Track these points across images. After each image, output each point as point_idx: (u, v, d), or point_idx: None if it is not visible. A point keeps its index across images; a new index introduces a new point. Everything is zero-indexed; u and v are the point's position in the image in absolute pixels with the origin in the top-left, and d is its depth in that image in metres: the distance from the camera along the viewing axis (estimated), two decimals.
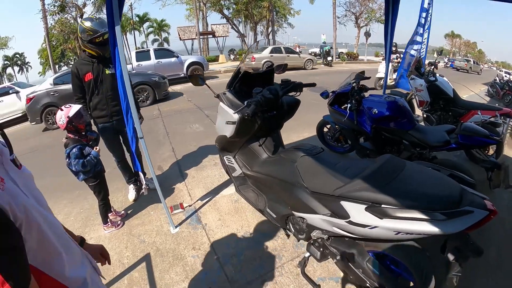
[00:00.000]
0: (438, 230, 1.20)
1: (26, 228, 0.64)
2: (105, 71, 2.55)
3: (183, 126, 5.52)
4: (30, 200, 0.71)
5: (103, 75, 2.55)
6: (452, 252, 1.30)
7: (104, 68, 2.55)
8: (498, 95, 8.53)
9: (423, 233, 1.24)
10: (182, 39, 19.32)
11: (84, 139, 2.21)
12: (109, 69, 2.56)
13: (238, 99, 2.14)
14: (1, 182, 0.62)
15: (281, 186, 1.93)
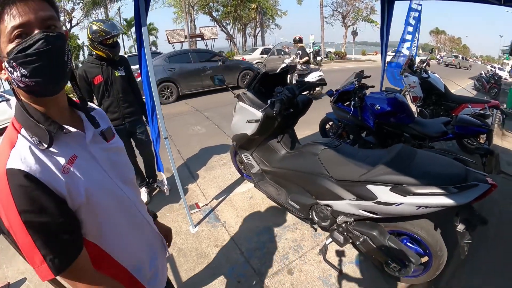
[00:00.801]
0: (452, 202, 1.42)
1: (86, 211, 0.67)
2: (114, 73, 2.57)
3: (185, 128, 5.56)
4: (105, 177, 0.75)
5: (113, 77, 2.56)
6: (463, 223, 1.54)
7: (114, 70, 2.57)
8: (485, 88, 8.96)
9: (440, 206, 1.47)
10: (171, 42, 19.17)
11: None
12: (119, 71, 2.60)
13: (258, 99, 2.26)
14: (68, 165, 0.65)
15: (305, 178, 2.08)
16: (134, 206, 0.85)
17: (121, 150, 0.88)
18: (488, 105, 4.03)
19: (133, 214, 0.85)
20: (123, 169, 0.85)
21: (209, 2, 20.34)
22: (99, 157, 0.75)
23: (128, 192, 0.82)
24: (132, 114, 2.76)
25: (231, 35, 22.84)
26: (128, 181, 0.86)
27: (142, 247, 0.87)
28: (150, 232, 0.94)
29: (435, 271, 1.75)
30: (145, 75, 2.01)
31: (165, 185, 2.52)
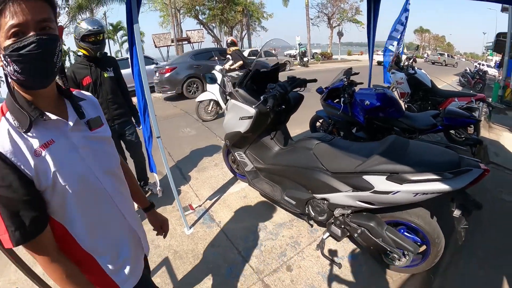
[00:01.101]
0: (447, 187, 1.45)
1: (52, 194, 0.72)
2: (103, 74, 2.53)
3: (175, 131, 5.50)
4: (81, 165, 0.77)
5: (102, 78, 2.52)
6: (459, 208, 1.56)
7: (102, 71, 2.53)
8: (470, 84, 9.24)
9: (436, 192, 1.50)
10: (158, 46, 19.06)
11: None
12: (107, 72, 2.55)
13: (251, 96, 2.25)
14: (41, 149, 0.70)
15: (300, 173, 2.08)
16: (110, 198, 0.86)
17: (106, 140, 0.90)
18: (475, 98, 4.15)
19: (107, 206, 0.86)
20: (105, 159, 0.87)
21: (196, 5, 20.33)
22: (79, 144, 0.78)
23: (106, 183, 0.84)
24: (121, 116, 2.72)
25: (218, 38, 22.85)
26: (110, 172, 0.88)
27: (111, 240, 0.88)
28: (124, 227, 0.93)
29: (433, 258, 1.78)
30: (137, 73, 1.98)
31: (158, 186, 2.46)
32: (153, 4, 21.44)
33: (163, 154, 2.24)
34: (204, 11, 21.33)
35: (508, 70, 7.14)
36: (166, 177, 3.52)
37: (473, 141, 2.93)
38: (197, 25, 21.89)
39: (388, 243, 1.77)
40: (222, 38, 23.72)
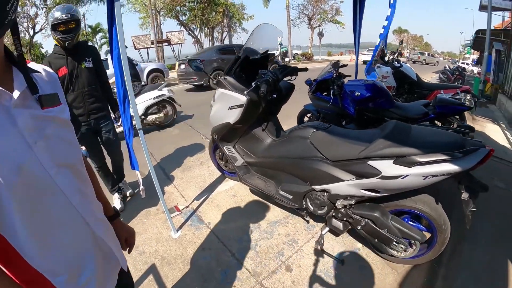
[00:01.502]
0: (457, 168, 1.39)
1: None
2: (81, 64, 2.34)
3: (156, 129, 5.26)
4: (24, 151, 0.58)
5: (78, 69, 2.33)
6: (466, 191, 1.51)
7: (80, 61, 2.34)
8: (450, 80, 9.54)
9: (446, 173, 1.42)
10: (137, 48, 18.68)
11: None
12: (86, 62, 2.36)
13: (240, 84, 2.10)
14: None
15: (296, 164, 1.95)
16: (65, 199, 0.65)
17: (62, 123, 0.69)
18: (460, 90, 4.22)
19: (61, 209, 0.65)
20: (61, 147, 0.66)
21: (176, 6, 20.03)
22: (23, 124, 0.58)
23: (60, 178, 0.63)
24: (98, 110, 2.52)
25: (199, 39, 22.58)
26: (66, 165, 0.67)
27: (69, 254, 0.67)
28: (87, 237, 0.72)
29: (440, 246, 1.71)
30: (116, 56, 1.77)
31: (141, 185, 2.23)
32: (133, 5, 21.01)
33: (145, 148, 2.03)
34: (185, 11, 21.04)
35: (487, 65, 7.45)
36: (148, 177, 3.34)
37: (466, 128, 2.92)
38: (178, 26, 21.60)
39: (394, 233, 1.68)
40: (203, 39, 23.48)
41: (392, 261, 1.95)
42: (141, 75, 9.98)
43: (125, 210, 2.75)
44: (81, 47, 2.39)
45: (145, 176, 3.13)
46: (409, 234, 1.67)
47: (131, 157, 2.12)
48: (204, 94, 8.52)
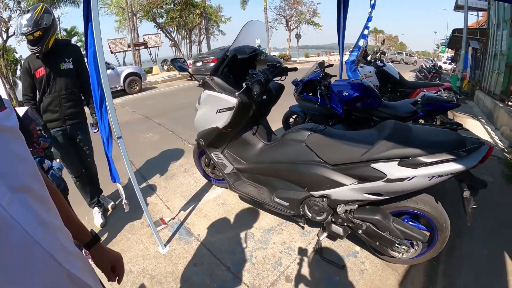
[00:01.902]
0: (462, 166, 1.38)
1: None
2: (60, 66, 2.17)
3: (136, 137, 5.04)
4: None
5: (56, 71, 2.16)
6: (468, 189, 1.52)
7: (58, 62, 2.16)
8: (427, 78, 9.91)
9: (451, 172, 1.41)
10: (114, 52, 18.15)
11: (39, 149, 1.75)
12: (65, 63, 2.18)
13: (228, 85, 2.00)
14: None
15: (292, 169, 1.87)
16: (25, 234, 0.48)
17: (9, 133, 0.52)
18: (442, 87, 4.33)
19: (21, 247, 0.48)
20: (12, 166, 0.50)
21: (153, 8, 19.67)
22: None
23: (15, 208, 0.47)
24: (75, 116, 2.35)
25: (176, 42, 22.22)
26: (22, 189, 0.51)
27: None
28: (61, 278, 0.55)
29: (441, 244, 1.71)
30: (92, 55, 1.61)
31: (124, 199, 2.06)
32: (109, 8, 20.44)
33: (125, 158, 1.87)
34: (162, 14, 20.68)
35: (464, 63, 7.77)
36: (129, 187, 3.13)
37: (454, 125, 2.97)
38: (154, 28, 21.20)
39: (397, 235, 1.66)
40: (180, 42, 23.15)
41: (392, 262, 1.94)
42: (117, 79, 9.72)
43: (107, 225, 2.55)
44: (60, 47, 2.20)
45: (125, 185, 2.95)
46: (411, 235, 1.66)
47: (111, 168, 1.95)
48: (189, 97, 8.32)
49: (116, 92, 9.71)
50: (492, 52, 6.63)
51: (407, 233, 1.65)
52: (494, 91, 5.96)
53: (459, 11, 13.25)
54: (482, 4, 10.35)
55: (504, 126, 4.41)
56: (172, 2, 19.98)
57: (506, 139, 4.15)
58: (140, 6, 19.57)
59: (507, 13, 5.55)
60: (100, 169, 2.66)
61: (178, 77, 14.18)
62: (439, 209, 1.64)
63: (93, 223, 2.59)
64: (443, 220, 1.63)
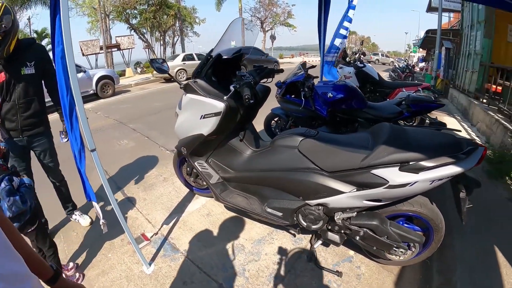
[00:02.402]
0: (461, 169, 1.39)
1: None
2: (20, 70, 1.95)
3: (110, 144, 4.77)
4: None
5: (17, 76, 1.94)
6: (463, 189, 1.54)
7: (19, 67, 1.95)
8: (400, 77, 10.27)
9: (451, 175, 1.42)
10: (85, 54, 17.42)
11: (3, 167, 1.55)
12: (26, 68, 1.96)
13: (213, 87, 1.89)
14: None
15: (285, 178, 1.80)
16: None
17: None
18: (421, 87, 4.47)
19: None
20: None
21: (126, 9, 19.10)
22: None
23: None
24: (33, 126, 2.13)
25: (150, 44, 21.67)
26: None
27: None
28: None
29: (436, 244, 1.74)
30: (60, 55, 1.43)
31: (101, 219, 1.88)
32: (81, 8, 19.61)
33: (101, 173, 1.70)
34: (136, 14, 20.13)
35: (438, 62, 8.12)
36: (105, 200, 2.93)
37: (438, 125, 3.04)
38: (128, 30, 20.61)
39: (394, 239, 1.66)
40: (154, 43, 22.61)
41: (387, 264, 1.95)
42: (89, 82, 9.31)
43: (83, 244, 2.35)
44: (23, 48, 1.97)
45: (100, 197, 2.74)
46: (408, 238, 1.66)
47: (86, 186, 1.77)
48: (164, 100, 8.11)
49: (88, 96, 9.30)
50: (466, 51, 6.98)
51: (405, 236, 1.65)
52: (469, 89, 6.27)
53: (432, 12, 14.00)
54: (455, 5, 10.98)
55: (480, 123, 4.63)
56: (146, 3, 19.57)
57: (483, 135, 4.36)
58: (113, 6, 19.01)
59: (481, 15, 5.86)
60: (72, 184, 2.47)
61: (152, 79, 13.89)
62: (434, 210, 1.65)
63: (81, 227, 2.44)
64: (439, 221, 1.65)
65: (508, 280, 1.70)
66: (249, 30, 2.96)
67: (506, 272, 1.75)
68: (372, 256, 1.95)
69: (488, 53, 5.66)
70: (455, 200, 1.63)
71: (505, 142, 3.48)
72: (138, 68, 18.75)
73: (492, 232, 2.13)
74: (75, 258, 2.20)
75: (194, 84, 1.93)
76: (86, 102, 8.85)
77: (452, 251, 1.97)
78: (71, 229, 2.54)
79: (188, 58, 13.89)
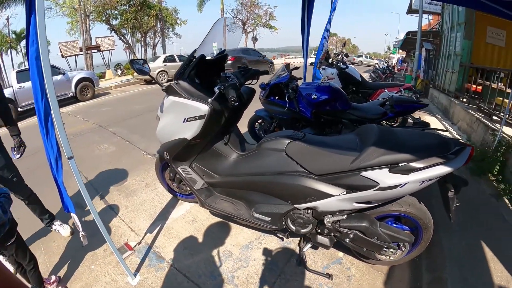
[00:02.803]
0: (450, 169, 1.40)
1: None
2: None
3: (89, 149, 4.60)
4: None
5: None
6: (452, 188, 1.55)
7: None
8: (381, 78, 10.50)
9: (440, 175, 1.43)
10: (65, 55, 16.96)
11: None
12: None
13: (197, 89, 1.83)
14: None
15: (272, 182, 1.77)
16: None
17: None
18: (403, 87, 4.57)
19: None
20: None
21: (107, 9, 18.66)
22: None
23: None
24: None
25: (130, 45, 21.24)
26: None
27: None
28: None
29: (425, 243, 1.76)
30: (34, 55, 1.33)
31: (81, 231, 1.78)
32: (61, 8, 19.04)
33: (79, 182, 1.59)
34: (116, 15, 19.69)
35: (418, 63, 8.35)
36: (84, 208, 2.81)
37: (422, 125, 3.10)
38: (108, 30, 20.16)
39: (384, 239, 1.66)
40: (134, 45, 22.19)
41: (377, 264, 1.97)
42: (69, 85, 9.03)
43: (65, 255, 2.23)
44: None
45: (81, 205, 2.64)
46: (398, 238, 1.67)
47: (63, 196, 1.67)
48: (144, 102, 7.94)
49: (68, 99, 9.01)
50: (446, 52, 7.20)
51: (394, 236, 1.66)
52: (449, 88, 6.48)
53: (412, 14, 14.45)
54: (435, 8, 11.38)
55: (461, 121, 4.78)
56: (127, 3, 19.22)
57: (464, 133, 4.50)
58: (93, 7, 18.56)
59: (461, 17, 6.06)
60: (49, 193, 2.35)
61: (133, 81, 13.64)
62: (423, 210, 1.67)
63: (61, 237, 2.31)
64: (428, 220, 1.67)
65: (497, 274, 1.74)
66: (231, 32, 2.93)
67: (495, 266, 1.80)
68: (362, 257, 1.95)
69: (468, 54, 5.85)
70: (442, 199, 1.64)
71: (486, 140, 3.59)
72: (118, 70, 18.45)
73: (478, 228, 2.19)
74: (57, 270, 2.08)
75: (177, 86, 1.86)
76: (65, 106, 8.61)
77: (440, 248, 2.00)
78: (51, 239, 2.41)
79: (169, 59, 13.72)
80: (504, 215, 2.38)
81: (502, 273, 1.75)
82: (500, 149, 3.02)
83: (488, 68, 4.70)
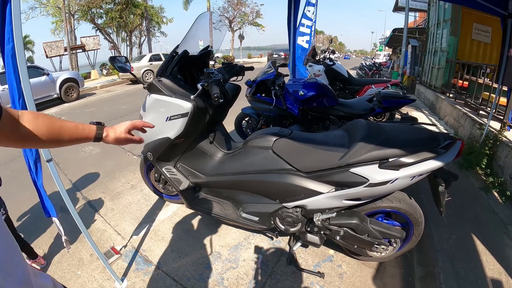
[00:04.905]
0: (441, 163, 1.38)
1: None
2: None
3: (74, 151, 4.45)
4: None
5: None
6: (442, 183, 1.54)
7: None
8: (367, 75, 10.56)
9: (431, 170, 1.40)
10: (49, 56, 16.49)
11: None
12: None
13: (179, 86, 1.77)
14: None
15: (260, 180, 1.73)
16: None
17: None
18: (390, 83, 4.59)
19: None
20: None
21: (92, 8, 18.26)
22: None
23: None
24: None
25: (116, 44, 20.85)
26: None
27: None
28: None
29: (417, 238, 1.74)
30: (10, 53, 1.25)
31: (63, 235, 1.70)
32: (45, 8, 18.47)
33: (59, 184, 1.53)
34: (101, 14, 19.28)
35: (405, 60, 8.44)
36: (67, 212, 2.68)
37: (409, 120, 3.11)
38: (93, 30, 19.78)
39: (375, 236, 1.64)
40: (120, 44, 21.80)
41: (368, 260, 1.95)
42: (53, 86, 8.75)
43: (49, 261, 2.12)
44: None
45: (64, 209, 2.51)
46: (389, 234, 1.65)
47: (43, 200, 1.59)
48: (130, 102, 7.78)
49: (52, 100, 8.74)
50: (432, 49, 7.29)
51: (385, 232, 1.64)
52: (435, 84, 6.57)
53: (398, 12, 14.64)
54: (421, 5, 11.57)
55: (448, 116, 4.85)
56: (112, 2, 18.86)
57: (451, 128, 4.58)
58: (78, 5, 18.16)
59: (447, 14, 6.14)
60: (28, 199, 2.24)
61: (118, 81, 13.41)
62: (413, 205, 1.65)
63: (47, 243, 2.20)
64: (418, 215, 1.65)
65: (489, 267, 1.75)
66: (217, 30, 2.87)
67: (486, 259, 1.81)
68: (353, 254, 1.94)
69: (454, 50, 5.93)
70: (433, 194, 1.63)
71: (474, 134, 3.65)
72: (103, 69, 18.13)
73: (468, 221, 2.20)
74: None
75: (159, 83, 1.79)
76: (49, 107, 8.39)
77: (431, 242, 2.01)
78: (36, 246, 2.28)
79: (155, 58, 13.54)
80: (494, 208, 2.41)
81: (494, 266, 1.76)
82: (488, 143, 3.07)
83: (474, 63, 4.77)
